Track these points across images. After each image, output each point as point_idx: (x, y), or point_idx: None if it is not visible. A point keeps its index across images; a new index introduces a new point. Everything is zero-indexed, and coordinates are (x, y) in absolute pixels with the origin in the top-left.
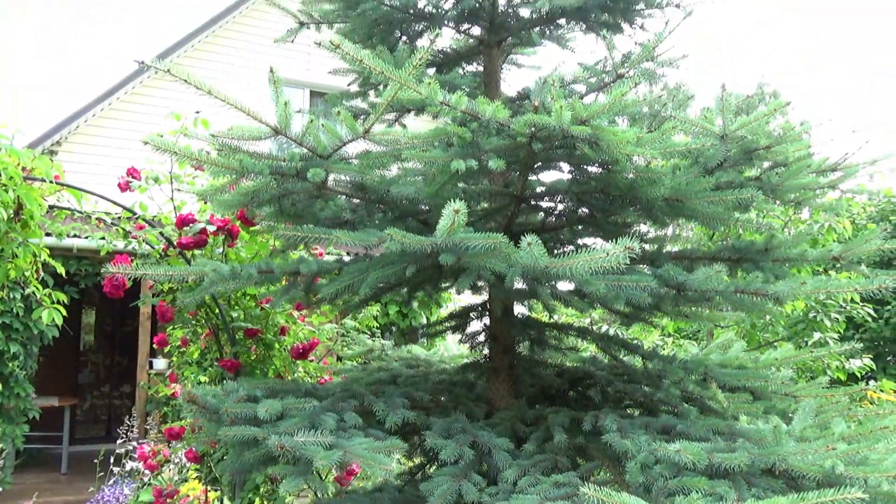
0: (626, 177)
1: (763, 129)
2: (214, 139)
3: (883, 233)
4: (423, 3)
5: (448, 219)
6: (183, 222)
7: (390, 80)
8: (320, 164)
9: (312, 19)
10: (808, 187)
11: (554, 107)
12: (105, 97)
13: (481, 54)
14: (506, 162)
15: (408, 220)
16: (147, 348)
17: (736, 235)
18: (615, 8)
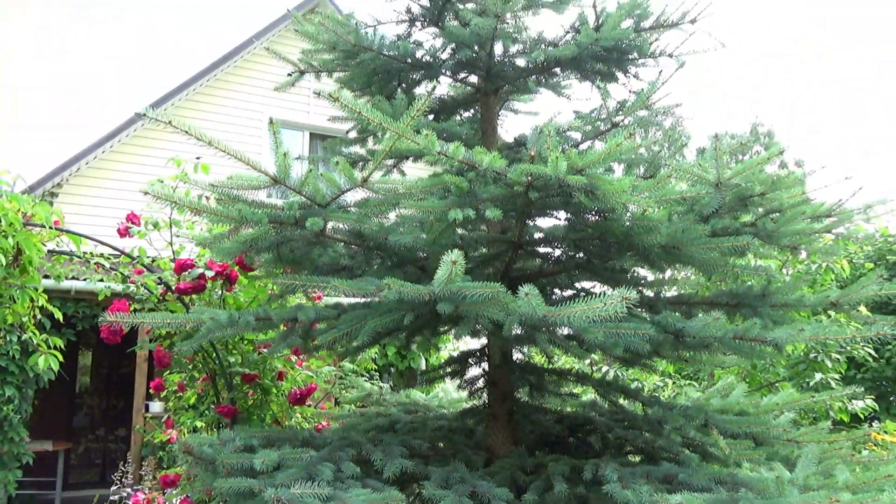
0: (623, 224)
1: (757, 176)
2: (214, 189)
3: (879, 279)
4: (421, 53)
5: (446, 269)
6: (181, 268)
7: (388, 131)
8: (319, 213)
9: (312, 68)
10: (803, 233)
11: (550, 156)
12: (107, 140)
13: (478, 102)
14: (503, 210)
15: (406, 266)
16: (143, 391)
17: (734, 279)
18: (609, 58)
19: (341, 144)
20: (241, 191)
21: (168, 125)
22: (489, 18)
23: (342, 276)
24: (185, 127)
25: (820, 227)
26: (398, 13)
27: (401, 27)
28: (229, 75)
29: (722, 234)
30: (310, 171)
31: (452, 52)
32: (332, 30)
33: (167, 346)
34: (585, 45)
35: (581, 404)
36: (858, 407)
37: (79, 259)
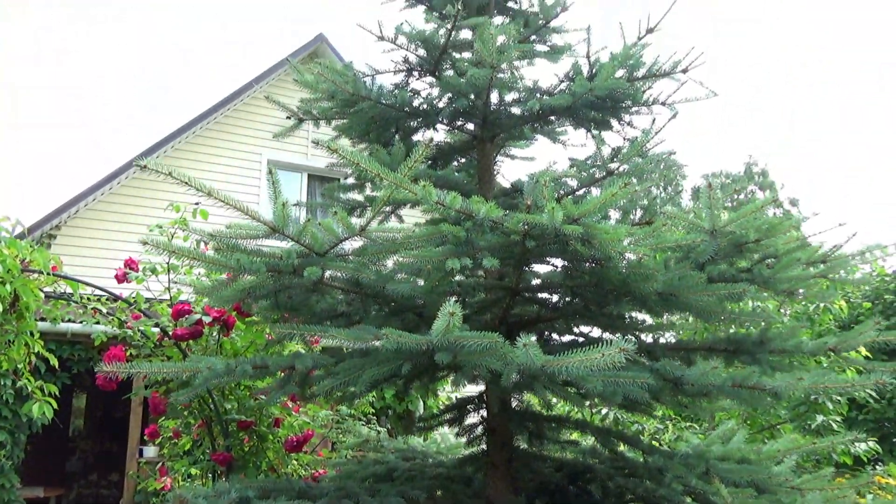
0: (620, 272)
1: (752, 223)
2: (213, 238)
3: (876, 325)
4: (418, 102)
5: (444, 320)
6: (179, 313)
7: (386, 181)
8: (317, 262)
9: (311, 115)
10: (799, 279)
11: (546, 206)
12: (105, 182)
13: (475, 148)
14: (500, 258)
15: (404, 314)
16: (138, 435)
17: (731, 323)
18: (603, 106)
19: (339, 190)
20: (239, 240)
21: (168, 176)
22: (485, 69)
23: (340, 323)
24: (185, 178)
25: (816, 273)
26: (396, 63)
27: (398, 76)
28: (229, 118)
29: (718, 280)
30: (308, 220)
31: (449, 100)
32: (330, 80)
33: (163, 393)
34: (580, 94)
35: (581, 451)
36: (861, 449)
37: (76, 303)
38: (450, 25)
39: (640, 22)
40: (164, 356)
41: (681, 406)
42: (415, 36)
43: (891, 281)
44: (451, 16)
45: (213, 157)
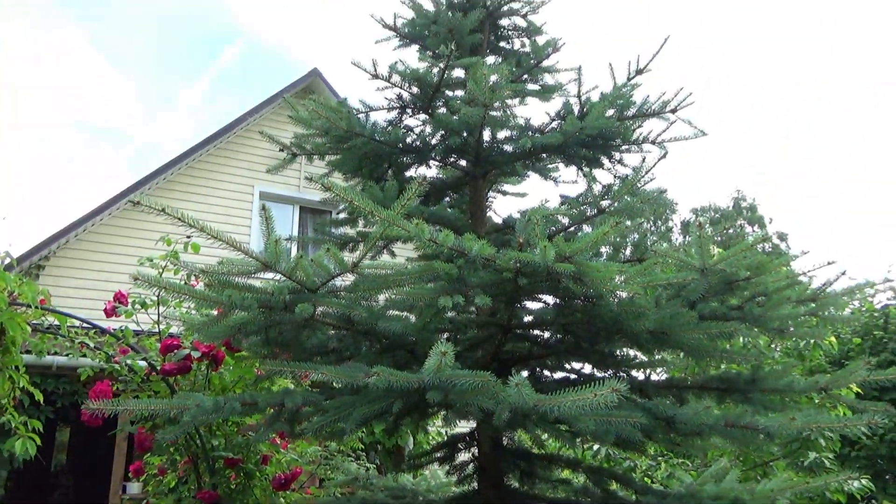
0: (611, 309)
1: (742, 261)
2: (204, 274)
3: (867, 365)
4: (412, 139)
5: (435, 359)
6: (167, 348)
7: (379, 218)
8: (308, 299)
9: (304, 150)
10: (789, 317)
11: (538, 245)
12: (96, 213)
13: (467, 185)
14: (492, 295)
15: (395, 351)
16: (122, 471)
17: (721, 362)
18: (594, 144)
19: (331, 225)
20: (231, 276)
21: (162, 212)
22: (477, 108)
23: (330, 359)
24: (178, 214)
25: (806, 310)
26: (390, 100)
27: (392, 113)
28: (222, 150)
29: (710, 318)
30: (301, 256)
31: (442, 137)
32: (325, 116)
33: (149, 429)
34: (571, 133)
35: (573, 490)
36: (855, 487)
37: (63, 337)
38: (443, 65)
39: (630, 63)
40: (151, 391)
41: (674, 445)
42: (409, 75)
43: (879, 317)
44: (444, 55)
45: (206, 188)
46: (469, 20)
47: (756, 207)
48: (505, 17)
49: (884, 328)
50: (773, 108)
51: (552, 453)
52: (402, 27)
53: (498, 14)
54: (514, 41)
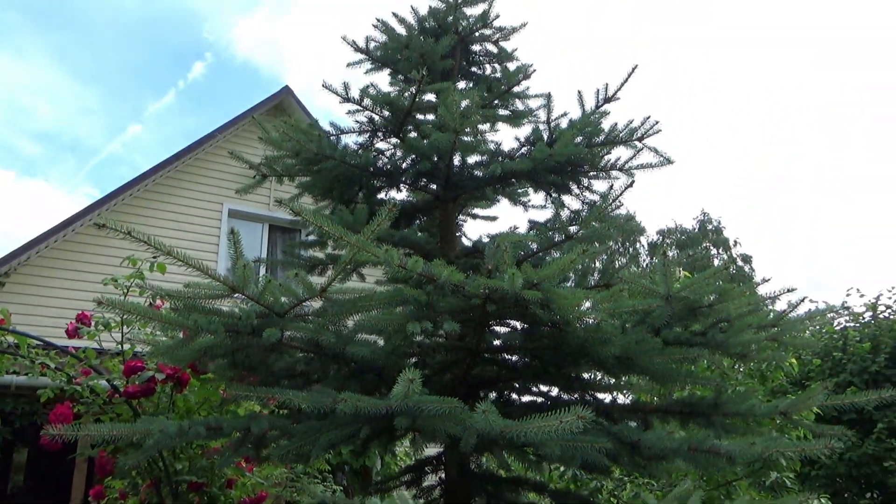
0: (578, 335)
1: (705, 288)
2: (171, 298)
3: (825, 390)
4: (382, 163)
5: (403, 386)
6: (131, 370)
7: (348, 244)
8: (276, 323)
9: (274, 172)
10: (750, 342)
11: (507, 272)
12: (59, 229)
13: (438, 208)
14: (460, 320)
15: (364, 375)
16: (81, 495)
17: (683, 386)
18: (563, 170)
19: (300, 247)
20: (197, 300)
21: (128, 235)
22: (448, 134)
23: (298, 382)
24: (144, 237)
25: (767, 336)
26: (361, 123)
27: (363, 136)
28: (190, 167)
29: (674, 343)
30: (269, 281)
31: (413, 162)
32: (295, 139)
33: (110, 452)
34: (540, 159)
35: None
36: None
37: (23, 357)
38: (414, 89)
39: (599, 91)
40: (113, 413)
41: (639, 468)
42: (380, 99)
43: (839, 338)
44: (415, 80)
45: (174, 205)
46: (441, 46)
47: (721, 230)
48: (476, 43)
49: (843, 350)
50: (758, 114)
51: (519, 476)
52: (375, 50)
53: (470, 40)
54: (486, 66)
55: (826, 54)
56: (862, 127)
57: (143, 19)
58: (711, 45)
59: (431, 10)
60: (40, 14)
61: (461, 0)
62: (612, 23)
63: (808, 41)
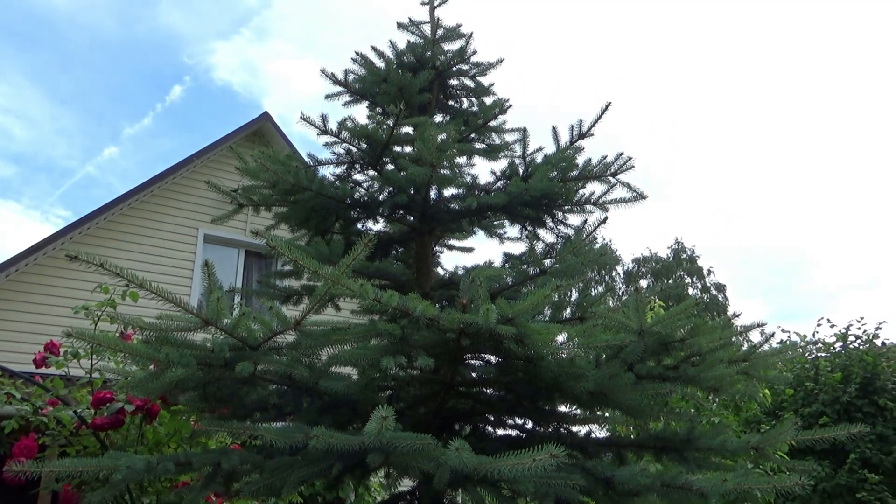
0: (551, 370)
1: (677, 323)
2: (142, 330)
3: (795, 426)
4: (360, 194)
5: (376, 423)
6: (100, 401)
7: (324, 278)
8: (250, 356)
9: (251, 202)
10: (722, 377)
11: (481, 307)
12: (30, 253)
13: (414, 240)
14: (435, 354)
15: (337, 408)
16: None
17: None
18: (538, 204)
19: (276, 277)
20: (170, 332)
21: (100, 267)
22: (425, 167)
23: (270, 415)
24: (117, 269)
25: (738, 370)
26: (338, 155)
27: (340, 168)
28: (166, 191)
29: (647, 377)
30: (243, 314)
31: (390, 194)
32: (272, 170)
33: (76, 486)
34: (515, 193)
35: None
36: None
37: None
38: (392, 122)
39: (573, 127)
40: (80, 445)
41: (612, 503)
42: (358, 131)
43: (811, 368)
44: (393, 114)
45: (149, 230)
46: (419, 80)
47: (695, 259)
48: (454, 78)
49: (814, 380)
50: (736, 140)
51: None
52: (353, 83)
53: (447, 74)
54: (463, 100)
55: (800, 90)
56: (833, 152)
57: (123, 42)
58: (690, 78)
59: (410, 44)
60: (17, 34)
61: (439, 36)
62: (589, 59)
63: (786, 74)
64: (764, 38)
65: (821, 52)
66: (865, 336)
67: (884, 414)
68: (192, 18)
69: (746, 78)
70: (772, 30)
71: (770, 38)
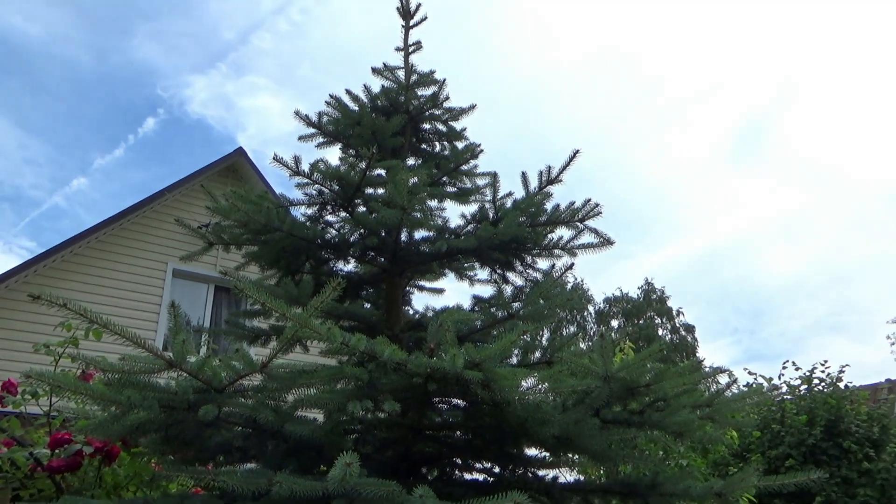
0: (518, 415)
1: (643, 369)
2: (105, 372)
3: (757, 471)
4: (331, 235)
5: (341, 469)
6: (57, 443)
7: (291, 321)
8: (214, 399)
9: (221, 240)
10: (686, 422)
11: (449, 352)
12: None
13: (384, 281)
14: (402, 398)
15: (302, 452)
16: None
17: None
18: (507, 248)
19: (243, 317)
20: (133, 374)
21: (63, 307)
22: (396, 210)
23: (234, 457)
24: (81, 310)
25: (702, 415)
26: (310, 196)
27: (312, 208)
28: (136, 224)
29: (613, 423)
30: (208, 357)
31: (361, 236)
32: (243, 210)
33: None
34: (485, 238)
35: None
36: None
37: None
38: (365, 165)
39: (542, 173)
40: (34, 489)
41: None
42: (330, 174)
43: (777, 411)
44: (366, 157)
45: (117, 263)
46: (392, 124)
47: (665, 299)
48: (427, 122)
49: (780, 422)
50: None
51: None
52: (327, 125)
53: (420, 118)
54: (435, 144)
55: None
56: (798, 191)
57: (97, 73)
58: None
59: (384, 88)
60: None
61: (413, 81)
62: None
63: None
64: (734, 72)
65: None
66: (829, 379)
67: (848, 456)
68: (168, 52)
69: (721, 115)
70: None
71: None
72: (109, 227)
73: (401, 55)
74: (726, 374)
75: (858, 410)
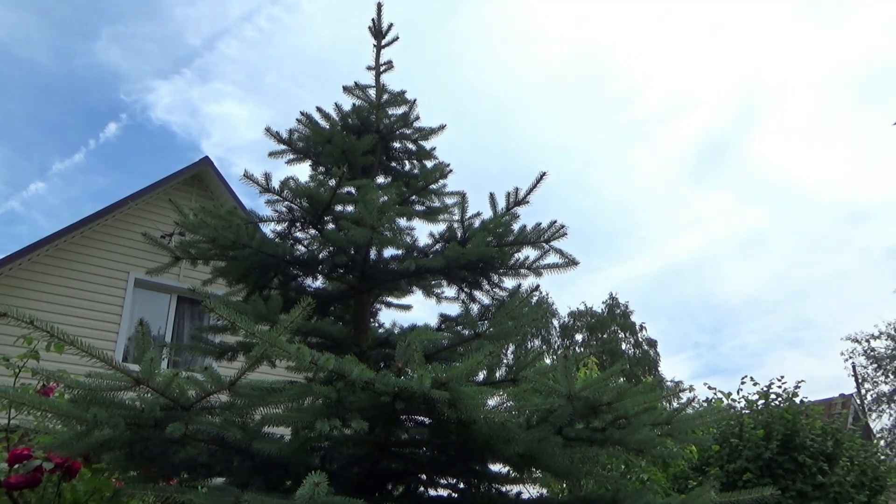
0: (483, 433)
1: (604, 388)
2: (69, 390)
3: (714, 487)
4: (300, 252)
5: (308, 489)
6: (15, 459)
7: (260, 341)
8: (181, 417)
9: (189, 255)
10: (646, 440)
11: (416, 372)
12: None
13: (353, 297)
14: (369, 416)
15: (269, 469)
16: None
17: (587, 482)
18: (474, 268)
19: (209, 332)
20: (99, 391)
21: (30, 325)
22: (365, 229)
23: (200, 474)
24: (48, 327)
25: (662, 432)
26: (280, 213)
27: (281, 225)
28: (98, 233)
29: (575, 441)
30: (175, 374)
31: (330, 253)
32: (212, 225)
33: None
34: (452, 257)
35: None
36: None
37: None
38: (334, 184)
39: (510, 195)
40: None
41: None
42: (300, 191)
43: (735, 425)
44: (336, 175)
45: (77, 272)
46: (363, 143)
47: (629, 314)
48: (397, 141)
49: (739, 436)
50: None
51: None
52: (297, 141)
53: (390, 137)
54: (405, 163)
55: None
56: (767, 206)
57: (58, 76)
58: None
59: (355, 107)
60: None
61: (384, 101)
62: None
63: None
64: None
65: None
66: (786, 394)
67: (803, 470)
68: (131, 56)
69: (684, 133)
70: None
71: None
72: (70, 235)
73: (372, 74)
74: (686, 392)
75: (813, 425)
